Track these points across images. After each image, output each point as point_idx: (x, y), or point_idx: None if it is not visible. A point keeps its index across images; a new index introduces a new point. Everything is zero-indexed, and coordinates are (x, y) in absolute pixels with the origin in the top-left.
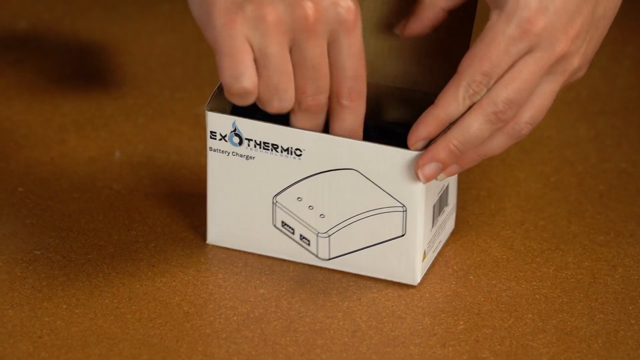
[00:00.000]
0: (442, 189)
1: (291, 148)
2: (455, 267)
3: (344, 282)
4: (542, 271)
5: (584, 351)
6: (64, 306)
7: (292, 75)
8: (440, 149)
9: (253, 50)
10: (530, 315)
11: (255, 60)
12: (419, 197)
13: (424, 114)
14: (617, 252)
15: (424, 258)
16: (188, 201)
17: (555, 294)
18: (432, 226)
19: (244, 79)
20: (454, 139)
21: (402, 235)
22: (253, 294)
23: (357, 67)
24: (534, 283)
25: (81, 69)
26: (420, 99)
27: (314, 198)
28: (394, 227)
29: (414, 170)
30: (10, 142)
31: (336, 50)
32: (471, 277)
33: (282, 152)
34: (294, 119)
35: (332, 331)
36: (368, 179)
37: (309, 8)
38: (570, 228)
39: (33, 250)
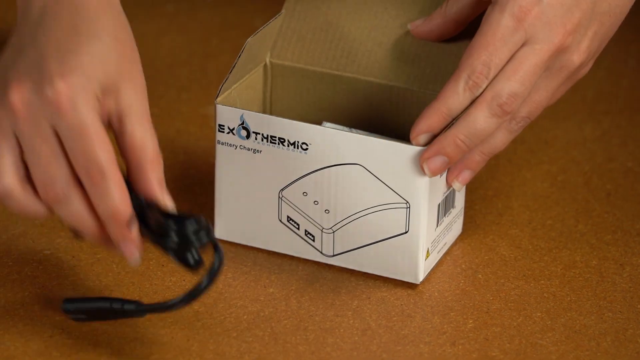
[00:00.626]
0: (448, 189)
1: (297, 142)
2: (463, 266)
3: (353, 281)
4: (550, 270)
5: (592, 349)
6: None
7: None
8: (447, 143)
9: None
10: (539, 314)
11: None
12: (422, 194)
13: (426, 108)
14: (625, 251)
15: (427, 257)
16: (196, 201)
17: (563, 293)
18: (437, 225)
19: None
20: (460, 133)
21: (405, 233)
22: (263, 293)
23: (84, 148)
24: (542, 282)
25: None
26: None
27: (320, 193)
28: (397, 224)
29: (419, 164)
30: None
31: (61, 134)
32: (480, 275)
33: (288, 146)
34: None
35: (342, 330)
36: (373, 174)
37: (16, 100)
38: (577, 227)
39: (43, 250)
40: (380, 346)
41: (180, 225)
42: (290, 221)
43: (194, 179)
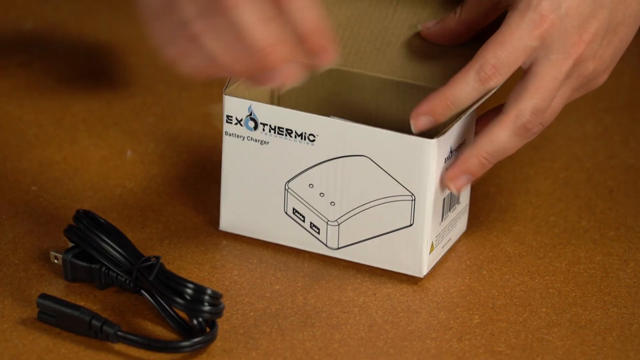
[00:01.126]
0: None
1: (305, 133)
2: (468, 263)
3: (359, 278)
4: (555, 266)
5: (598, 344)
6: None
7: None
8: (471, 163)
9: None
10: (544, 309)
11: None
12: (428, 186)
13: (431, 93)
14: (629, 247)
15: (431, 250)
16: (201, 198)
17: (568, 288)
18: (442, 219)
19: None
20: (483, 152)
21: (410, 225)
22: (269, 290)
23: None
24: (547, 277)
25: (89, 69)
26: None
27: (325, 185)
28: (402, 217)
29: (445, 182)
30: (22, 142)
31: None
32: (484, 272)
33: (295, 137)
34: None
35: (348, 326)
36: (379, 166)
37: None
38: (581, 223)
39: (49, 249)
40: (387, 342)
41: (199, 292)
42: (296, 213)
43: (198, 177)
